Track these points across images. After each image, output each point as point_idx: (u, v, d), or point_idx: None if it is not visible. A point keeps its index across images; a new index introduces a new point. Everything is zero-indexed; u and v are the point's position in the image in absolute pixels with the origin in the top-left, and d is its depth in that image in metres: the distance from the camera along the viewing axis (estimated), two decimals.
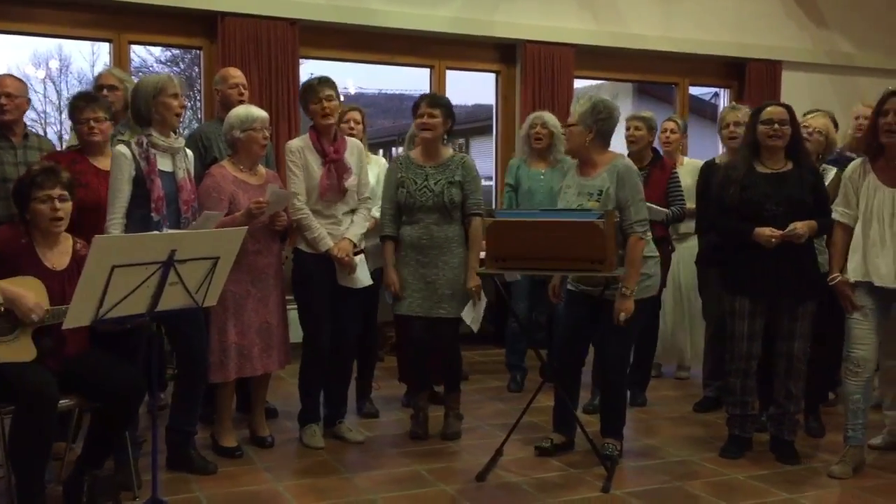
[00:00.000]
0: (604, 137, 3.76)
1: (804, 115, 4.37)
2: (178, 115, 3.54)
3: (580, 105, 3.74)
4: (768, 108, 3.79)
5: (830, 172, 4.13)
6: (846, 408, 3.71)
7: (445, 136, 4.13)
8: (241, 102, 4.24)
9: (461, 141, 14.12)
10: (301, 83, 6.01)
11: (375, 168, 4.56)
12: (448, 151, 4.14)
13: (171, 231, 3.31)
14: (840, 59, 7.83)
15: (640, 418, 4.60)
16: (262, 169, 3.93)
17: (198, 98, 7.91)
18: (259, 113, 3.80)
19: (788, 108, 3.79)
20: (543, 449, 3.92)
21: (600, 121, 3.71)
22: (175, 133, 3.58)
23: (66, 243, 3.24)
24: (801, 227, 3.64)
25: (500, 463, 3.77)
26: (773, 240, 3.65)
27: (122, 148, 3.44)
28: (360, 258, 4.00)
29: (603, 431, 3.92)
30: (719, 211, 3.89)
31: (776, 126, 3.73)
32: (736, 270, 3.85)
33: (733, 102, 6.42)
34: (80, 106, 3.65)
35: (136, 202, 3.41)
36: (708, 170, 4.62)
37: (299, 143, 3.98)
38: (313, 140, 3.95)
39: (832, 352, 4.42)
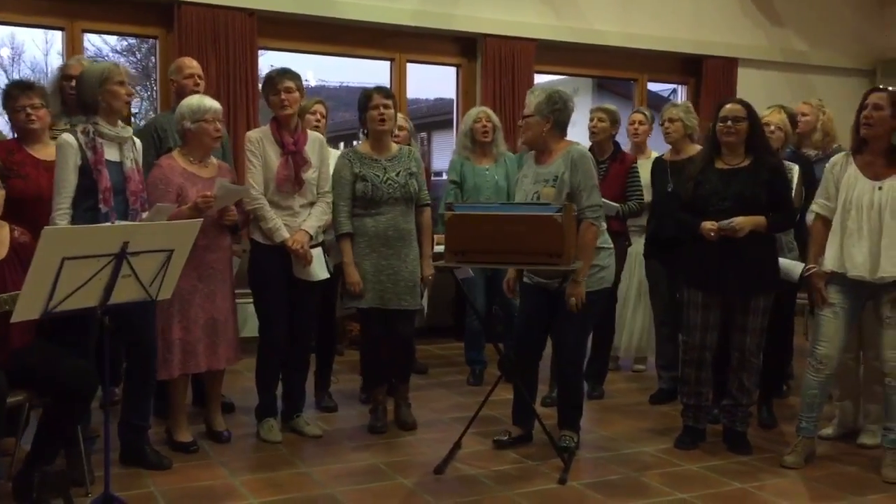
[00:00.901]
0: (560, 127, 3.80)
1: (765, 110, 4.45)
2: (126, 104, 3.47)
3: (535, 96, 3.77)
4: (726, 106, 3.86)
5: (794, 171, 4.20)
6: (802, 400, 3.78)
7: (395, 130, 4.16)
8: (197, 93, 4.18)
9: (423, 135, 14.11)
10: (260, 74, 6.00)
11: (334, 161, 4.52)
12: (394, 145, 4.15)
13: (123, 223, 3.25)
14: (794, 56, 7.97)
15: (598, 410, 4.65)
16: (214, 161, 3.87)
17: (154, 88, 7.78)
18: (211, 104, 3.75)
19: (747, 106, 3.85)
20: (501, 442, 3.94)
21: (556, 111, 3.75)
22: (123, 122, 3.51)
23: (3, 231, 3.16)
24: (740, 221, 3.69)
25: (459, 456, 3.78)
26: (712, 234, 3.71)
27: (67, 136, 3.35)
28: (317, 251, 3.96)
29: (560, 423, 3.95)
30: (678, 205, 3.97)
31: (730, 123, 3.79)
32: (689, 263, 3.92)
33: (676, 100, 6.50)
34: (15, 94, 3.58)
35: (82, 193, 3.33)
36: (657, 165, 4.71)
37: (259, 134, 3.94)
38: (273, 131, 3.91)
39: (785, 346, 4.54)
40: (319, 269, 3.97)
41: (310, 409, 4.41)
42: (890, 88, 3.61)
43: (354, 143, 4.50)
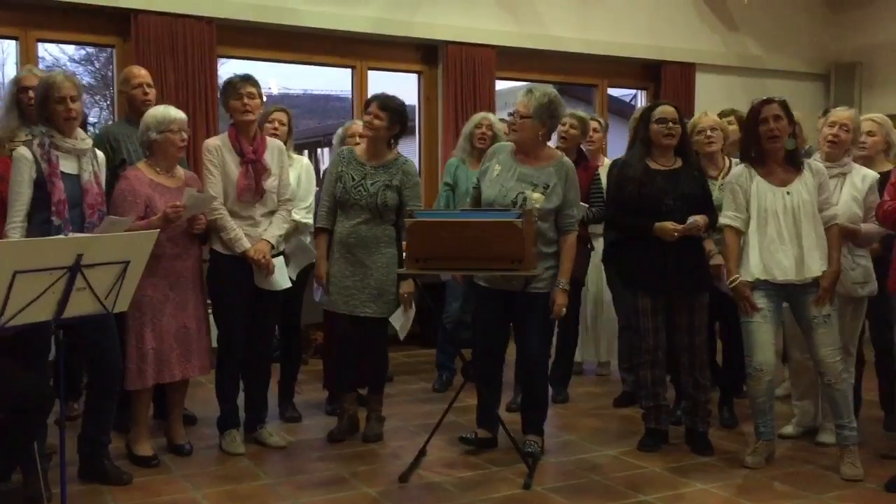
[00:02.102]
0: (551, 133, 3.84)
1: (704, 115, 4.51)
2: (68, 120, 3.35)
3: (536, 98, 3.73)
4: (661, 108, 3.91)
5: None
6: (753, 408, 3.83)
7: (392, 140, 4.10)
8: (148, 102, 4.13)
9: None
10: (221, 82, 5.95)
11: (297, 169, 4.49)
12: (393, 154, 4.11)
13: (77, 235, 3.20)
14: (750, 61, 8.10)
15: (562, 414, 4.67)
16: (180, 171, 3.84)
17: (112, 99, 7.69)
18: (177, 114, 3.72)
19: (677, 108, 3.94)
20: (468, 440, 3.94)
21: (553, 118, 3.78)
22: (83, 134, 3.46)
23: None
24: (700, 219, 3.77)
25: (424, 463, 3.78)
26: (675, 234, 3.76)
27: (22, 150, 3.31)
28: (278, 260, 3.94)
29: (525, 428, 3.96)
30: (617, 208, 3.99)
31: (670, 125, 3.85)
32: (631, 268, 3.98)
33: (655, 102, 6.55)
34: None
35: (37, 205, 3.28)
36: (614, 168, 4.73)
37: (217, 142, 3.91)
38: (232, 139, 3.88)
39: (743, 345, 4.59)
40: (281, 279, 3.95)
41: (274, 419, 4.37)
42: (776, 98, 3.71)
43: (318, 150, 4.48)
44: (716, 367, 4.56)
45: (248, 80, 3.85)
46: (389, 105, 4.03)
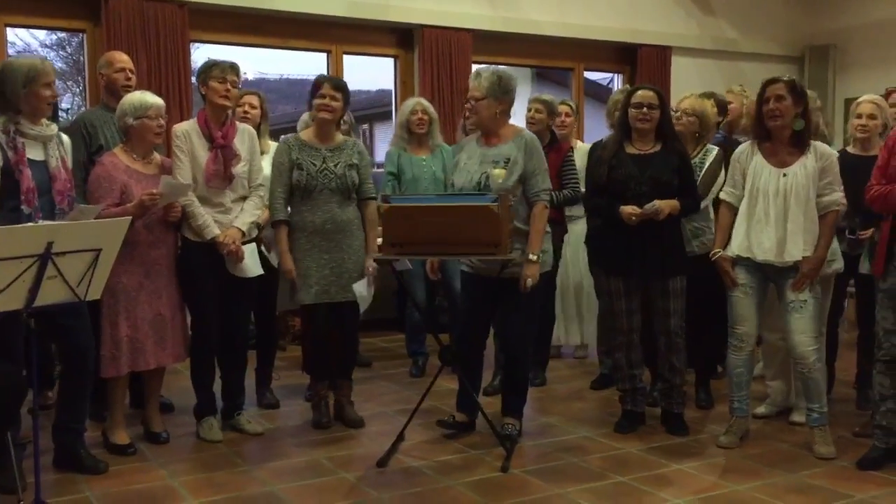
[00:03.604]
0: (508, 110, 3.83)
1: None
2: (49, 106, 3.34)
3: (486, 79, 3.74)
4: (639, 92, 3.92)
5: (713, 152, 4.28)
6: (730, 381, 3.87)
7: (342, 121, 4.11)
8: (128, 88, 4.09)
9: (365, 126, 14.01)
10: (194, 67, 5.89)
11: (270, 156, 4.45)
12: (340, 136, 4.12)
13: (47, 222, 3.16)
14: (725, 44, 8.14)
15: (539, 397, 4.69)
16: (157, 157, 3.80)
17: (84, 84, 7.57)
18: (154, 100, 3.68)
19: (658, 93, 3.92)
20: (446, 423, 3.96)
21: (507, 93, 3.77)
22: (48, 120, 3.41)
23: None
24: (661, 204, 3.77)
25: (402, 448, 3.78)
26: (634, 217, 3.78)
27: None
28: (250, 247, 3.91)
29: (503, 411, 3.97)
30: (591, 190, 4.02)
31: (645, 110, 3.86)
32: (605, 250, 4.00)
33: (627, 85, 6.57)
34: None
35: (6, 194, 3.21)
36: (594, 151, 4.74)
37: (185, 127, 3.85)
38: (201, 124, 3.83)
39: (719, 328, 4.63)
40: (253, 266, 3.92)
41: (251, 406, 4.36)
42: (785, 77, 3.70)
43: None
44: (691, 348, 4.60)
45: (234, 69, 3.83)
46: (342, 85, 4.04)
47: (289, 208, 3.98)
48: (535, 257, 3.66)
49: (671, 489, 3.32)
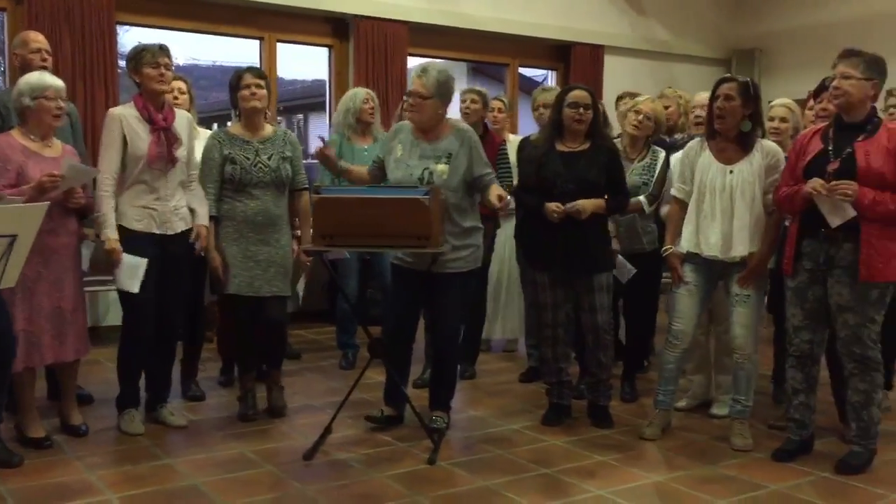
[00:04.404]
0: (447, 107, 3.83)
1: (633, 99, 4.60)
2: None
3: (432, 77, 3.71)
4: (574, 92, 3.96)
5: (660, 154, 4.37)
6: (660, 374, 3.96)
7: (268, 111, 4.06)
8: (45, 69, 3.94)
9: (300, 117, 13.83)
10: (121, 51, 5.73)
11: (203, 143, 4.37)
12: (269, 127, 4.06)
13: None
14: (657, 45, 8.30)
15: (469, 390, 4.72)
16: (57, 143, 3.66)
17: (4, 64, 7.29)
18: (53, 81, 3.56)
19: (591, 93, 3.99)
20: (374, 418, 3.94)
21: (450, 93, 3.78)
22: None
23: None
24: (583, 204, 3.82)
25: (329, 440, 3.76)
26: (556, 214, 3.83)
27: None
28: (141, 263, 3.68)
29: (432, 404, 3.98)
30: (521, 186, 4.08)
31: (581, 110, 3.91)
32: (532, 245, 4.05)
33: (547, 83, 6.64)
34: None
35: None
36: (522, 145, 4.79)
37: (123, 111, 3.74)
38: (139, 107, 3.73)
39: (648, 323, 4.73)
40: (128, 280, 3.68)
41: (176, 398, 4.27)
42: (739, 78, 3.76)
43: (228, 123, 4.35)
44: (619, 343, 4.70)
45: (165, 51, 3.73)
46: (262, 73, 4.01)
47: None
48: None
49: (595, 481, 3.38)
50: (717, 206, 3.71)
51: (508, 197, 3.66)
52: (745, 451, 3.73)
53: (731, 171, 3.71)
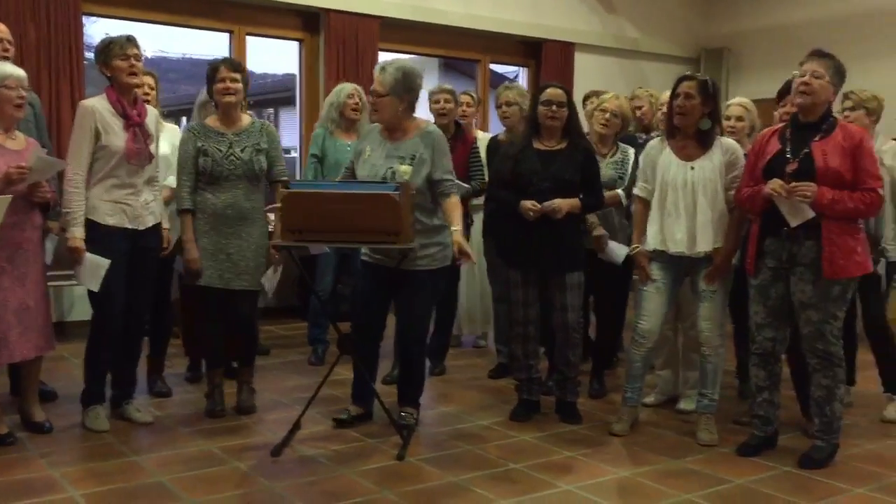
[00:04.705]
0: (413, 105, 3.81)
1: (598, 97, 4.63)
2: None
3: (389, 74, 3.70)
4: (548, 90, 3.98)
5: (630, 152, 4.41)
6: (627, 371, 3.99)
7: (243, 103, 4.04)
8: (7, 59, 3.88)
9: (270, 111, 13.72)
10: (89, 42, 5.65)
11: (168, 137, 4.33)
12: (247, 118, 4.04)
13: None
14: (626, 43, 8.36)
15: (438, 386, 4.72)
16: (20, 136, 3.61)
17: None
18: (14, 70, 3.50)
19: (566, 91, 4.00)
20: (341, 421, 3.93)
21: (411, 90, 3.74)
22: None
23: None
24: (559, 203, 3.85)
25: (298, 437, 3.74)
26: (532, 213, 3.85)
27: None
28: (104, 263, 3.63)
29: (400, 400, 3.98)
30: (497, 184, 4.08)
31: (554, 108, 3.93)
32: (506, 242, 4.06)
33: (508, 82, 6.64)
34: None
35: None
36: (491, 145, 4.82)
37: (96, 104, 3.67)
38: (112, 101, 3.67)
39: (617, 320, 4.77)
40: (90, 279, 3.64)
41: (142, 394, 4.23)
42: (699, 76, 3.80)
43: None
44: (588, 340, 4.73)
45: (133, 42, 3.68)
46: (239, 66, 3.98)
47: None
48: (457, 227, 3.62)
49: (564, 476, 3.40)
50: (681, 202, 3.74)
51: (471, 257, 3.59)
52: (711, 445, 3.78)
53: (692, 168, 3.75)
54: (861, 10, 7.61)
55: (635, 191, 3.95)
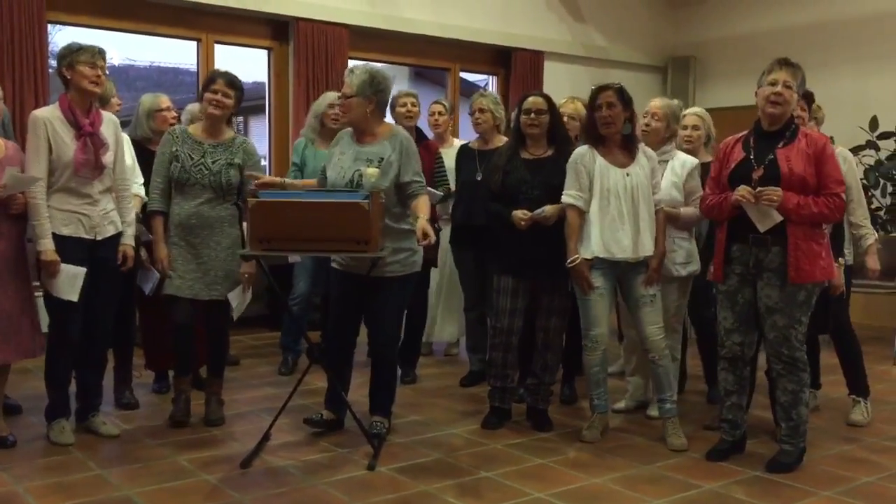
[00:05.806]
0: (381, 108, 3.81)
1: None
2: None
3: (357, 76, 3.71)
4: (528, 99, 4.02)
5: None
6: (588, 379, 4.00)
7: (231, 117, 4.04)
8: None
9: (240, 119, 13.64)
10: (52, 50, 5.57)
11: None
12: (230, 133, 4.02)
13: None
14: (595, 51, 8.42)
15: (409, 395, 4.70)
16: (0, 141, 3.56)
17: None
18: None
19: (548, 98, 4.03)
20: (313, 421, 3.91)
21: (379, 92, 3.74)
22: None
23: None
24: (549, 210, 3.87)
25: (268, 447, 3.71)
26: (523, 222, 3.86)
27: None
28: (80, 272, 3.62)
29: (372, 409, 3.96)
30: (488, 195, 4.10)
31: (533, 115, 3.95)
32: (501, 251, 4.05)
33: (482, 90, 6.67)
34: None
35: None
36: (464, 153, 4.84)
37: (47, 114, 3.62)
38: (64, 110, 3.62)
39: None
40: (68, 289, 3.61)
41: (108, 406, 4.17)
42: (614, 85, 3.89)
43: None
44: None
45: (102, 54, 3.65)
46: (237, 83, 3.95)
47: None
48: (423, 216, 3.57)
49: (536, 484, 3.40)
50: (624, 208, 3.79)
51: (433, 236, 3.52)
52: (681, 450, 3.80)
53: (627, 174, 3.81)
54: (822, 20, 7.76)
55: (568, 200, 3.85)
